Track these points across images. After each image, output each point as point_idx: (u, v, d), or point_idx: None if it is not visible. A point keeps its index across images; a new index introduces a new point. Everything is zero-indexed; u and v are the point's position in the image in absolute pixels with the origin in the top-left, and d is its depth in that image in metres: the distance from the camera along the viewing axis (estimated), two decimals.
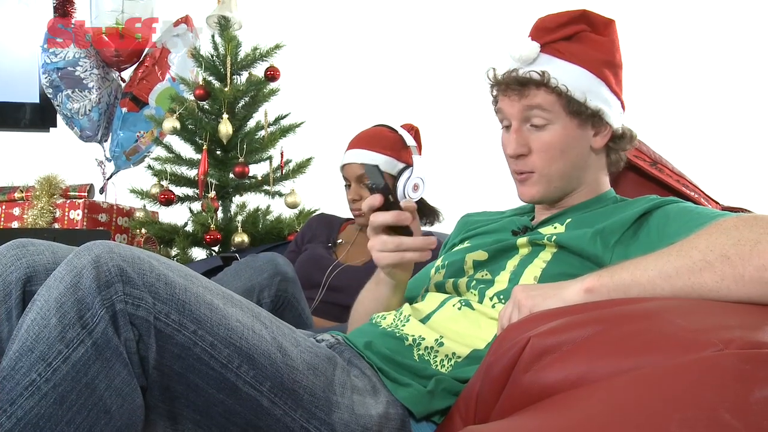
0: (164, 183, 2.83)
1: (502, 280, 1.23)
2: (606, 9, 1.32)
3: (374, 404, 1.06)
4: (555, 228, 1.28)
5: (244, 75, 2.93)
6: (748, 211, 1.31)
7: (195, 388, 0.91)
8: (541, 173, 1.28)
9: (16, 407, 0.80)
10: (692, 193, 1.43)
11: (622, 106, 1.33)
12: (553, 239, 1.22)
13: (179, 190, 2.89)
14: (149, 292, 0.87)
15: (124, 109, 3.19)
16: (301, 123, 2.91)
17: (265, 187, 2.93)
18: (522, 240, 1.26)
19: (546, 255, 1.22)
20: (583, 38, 1.29)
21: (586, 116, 1.27)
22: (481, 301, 1.21)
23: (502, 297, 1.19)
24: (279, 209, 2.98)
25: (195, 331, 0.90)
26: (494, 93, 1.33)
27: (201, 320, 0.90)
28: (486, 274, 1.26)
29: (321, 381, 1.01)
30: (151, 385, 0.90)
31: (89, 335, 0.83)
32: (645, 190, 1.40)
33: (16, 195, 3.03)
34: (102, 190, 3.25)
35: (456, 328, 1.19)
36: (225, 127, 2.69)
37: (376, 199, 1.17)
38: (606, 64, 1.29)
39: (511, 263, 1.25)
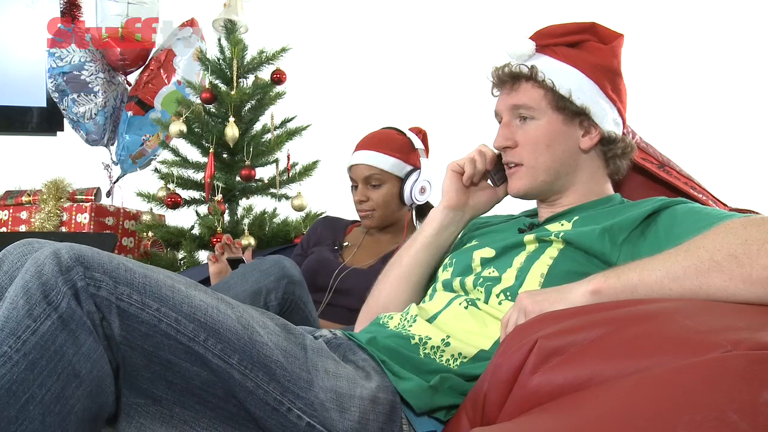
0: (171, 186, 2.83)
1: (508, 277, 1.23)
2: (613, 13, 1.32)
3: (359, 387, 1.06)
4: (562, 225, 1.28)
5: (251, 78, 2.93)
6: (756, 212, 1.30)
7: (168, 365, 0.94)
8: (528, 165, 1.31)
9: None
10: (700, 195, 1.42)
11: (621, 114, 1.34)
12: (560, 235, 1.22)
13: (186, 194, 2.89)
14: (110, 277, 0.91)
15: (130, 113, 3.19)
16: (308, 126, 2.91)
17: (272, 190, 2.93)
18: (529, 237, 1.27)
19: (552, 251, 1.22)
20: (585, 46, 1.32)
21: (572, 113, 1.29)
22: (487, 301, 1.22)
23: (508, 294, 1.20)
24: (285, 212, 2.98)
25: (158, 309, 0.93)
26: (494, 92, 1.38)
27: (163, 299, 0.94)
28: (493, 271, 1.27)
29: (294, 362, 1.02)
30: (130, 370, 0.93)
31: (55, 310, 0.87)
32: (653, 193, 1.40)
33: (24, 199, 3.04)
34: (109, 194, 3.26)
35: (462, 326, 1.19)
36: (231, 131, 2.69)
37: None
38: (601, 69, 1.31)
39: (518, 260, 1.25)
